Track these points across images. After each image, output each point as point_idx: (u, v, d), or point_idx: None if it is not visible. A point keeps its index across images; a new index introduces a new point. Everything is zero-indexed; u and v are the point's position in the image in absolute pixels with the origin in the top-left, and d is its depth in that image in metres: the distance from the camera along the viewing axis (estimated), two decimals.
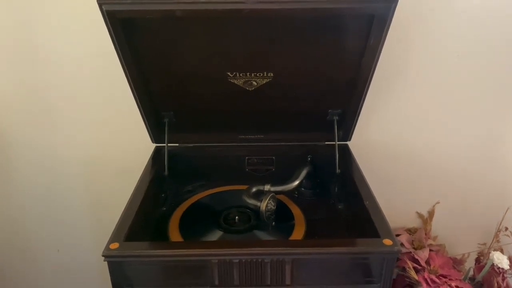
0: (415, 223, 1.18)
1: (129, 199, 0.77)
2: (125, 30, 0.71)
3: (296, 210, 0.86)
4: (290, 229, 0.80)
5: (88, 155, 1.10)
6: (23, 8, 0.92)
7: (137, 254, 0.64)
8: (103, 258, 0.63)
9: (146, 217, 0.78)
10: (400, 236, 1.09)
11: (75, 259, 1.22)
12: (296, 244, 0.72)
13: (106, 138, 1.08)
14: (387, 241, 0.65)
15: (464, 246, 1.14)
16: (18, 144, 1.08)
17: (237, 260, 0.64)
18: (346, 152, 0.96)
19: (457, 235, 1.18)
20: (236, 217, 0.83)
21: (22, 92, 1.02)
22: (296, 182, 0.88)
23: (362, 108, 0.89)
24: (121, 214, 0.72)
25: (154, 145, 0.97)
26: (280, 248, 0.65)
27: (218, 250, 0.64)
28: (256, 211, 0.81)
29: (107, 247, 0.63)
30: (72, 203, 1.16)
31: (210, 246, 0.68)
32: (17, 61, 0.98)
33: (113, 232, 0.67)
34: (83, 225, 1.19)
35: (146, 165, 0.91)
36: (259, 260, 0.64)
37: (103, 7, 0.67)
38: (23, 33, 0.95)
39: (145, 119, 0.90)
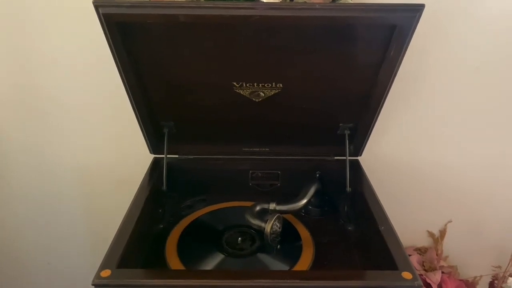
0: (424, 242, 1.13)
1: (123, 218, 0.71)
2: (123, 35, 0.66)
3: (303, 232, 0.80)
4: (298, 253, 0.74)
5: (85, 165, 1.04)
6: (18, 9, 0.87)
7: (130, 283, 0.58)
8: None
9: (141, 237, 0.72)
10: (410, 256, 1.03)
11: (67, 273, 1.16)
12: (303, 275, 0.65)
13: (103, 147, 1.02)
14: (407, 275, 0.59)
15: (476, 268, 1.09)
16: (12, 150, 1.03)
17: None
18: (357, 168, 0.90)
19: (469, 256, 1.12)
20: (239, 238, 0.77)
21: (18, 97, 0.96)
22: (304, 201, 0.82)
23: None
24: (114, 236, 0.66)
25: (153, 155, 0.91)
26: (284, 281, 0.59)
27: (216, 281, 0.58)
28: (260, 232, 0.76)
29: (97, 275, 0.57)
30: (67, 212, 1.10)
31: (208, 276, 0.61)
32: (12, 65, 0.93)
33: (104, 257, 0.61)
34: (76, 237, 1.13)
35: (143, 178, 0.85)
36: None
37: (99, 9, 0.61)
38: (18, 37, 0.90)
39: (143, 128, 0.84)
